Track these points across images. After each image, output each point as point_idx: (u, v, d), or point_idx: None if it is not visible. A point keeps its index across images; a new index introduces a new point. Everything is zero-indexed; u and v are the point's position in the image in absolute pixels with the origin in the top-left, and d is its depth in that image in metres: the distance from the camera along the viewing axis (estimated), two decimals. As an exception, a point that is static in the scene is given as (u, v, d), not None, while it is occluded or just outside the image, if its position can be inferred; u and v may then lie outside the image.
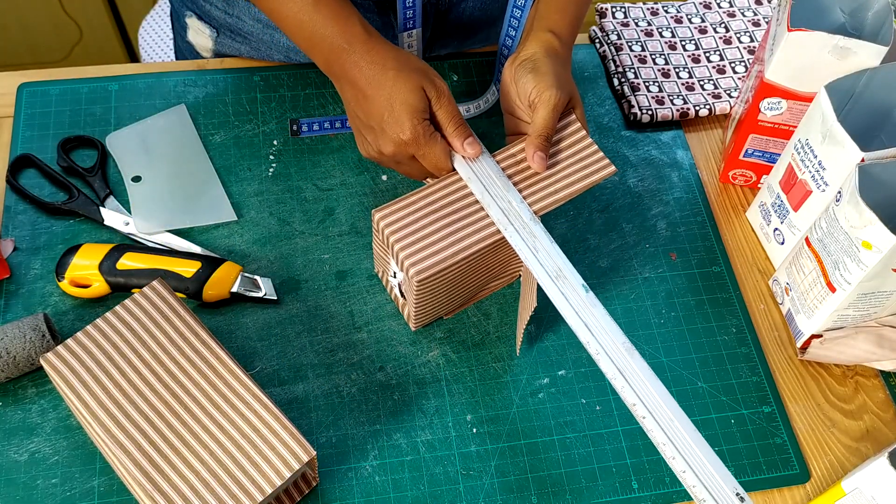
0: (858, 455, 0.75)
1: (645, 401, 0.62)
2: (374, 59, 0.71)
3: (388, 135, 0.71)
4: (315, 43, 0.73)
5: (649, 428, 0.62)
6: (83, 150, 0.86)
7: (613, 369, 0.64)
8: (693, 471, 0.60)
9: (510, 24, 0.83)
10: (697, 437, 0.61)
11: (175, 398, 0.64)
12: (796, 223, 0.80)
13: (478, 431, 0.73)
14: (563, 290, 0.67)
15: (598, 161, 0.75)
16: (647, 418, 0.62)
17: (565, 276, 0.68)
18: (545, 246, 0.69)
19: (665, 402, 0.62)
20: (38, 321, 0.71)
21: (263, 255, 0.81)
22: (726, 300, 0.82)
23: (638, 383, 0.63)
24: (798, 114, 0.81)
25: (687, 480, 0.60)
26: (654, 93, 0.93)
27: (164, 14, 1.46)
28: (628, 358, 0.64)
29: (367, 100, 0.71)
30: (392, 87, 0.70)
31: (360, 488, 0.70)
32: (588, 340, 0.65)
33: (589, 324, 0.66)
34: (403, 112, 0.70)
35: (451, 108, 0.72)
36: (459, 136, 0.72)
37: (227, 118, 0.89)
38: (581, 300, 0.67)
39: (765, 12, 1.01)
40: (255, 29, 0.91)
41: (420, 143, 0.70)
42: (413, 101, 0.70)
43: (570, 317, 0.66)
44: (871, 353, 0.76)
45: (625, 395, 0.63)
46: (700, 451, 0.61)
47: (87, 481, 0.69)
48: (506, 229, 0.70)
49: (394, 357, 0.76)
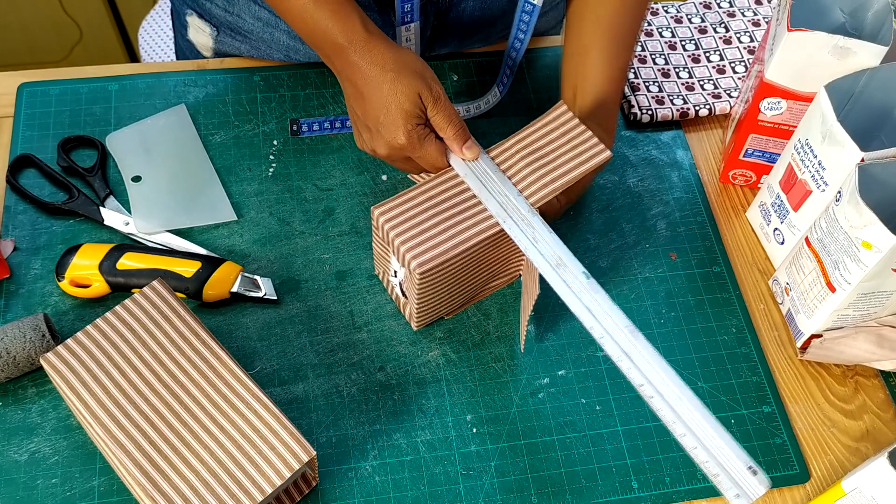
0: (858, 455, 0.75)
1: (652, 380, 0.62)
2: (373, 59, 0.71)
3: (383, 137, 0.72)
4: (316, 38, 0.74)
5: (658, 407, 0.62)
6: (83, 150, 0.86)
7: (618, 351, 0.64)
8: (705, 447, 0.60)
9: (519, 27, 0.84)
10: (707, 413, 0.61)
11: (175, 398, 0.64)
12: (796, 223, 0.80)
13: (478, 431, 0.73)
14: (564, 277, 0.67)
15: (593, 147, 0.74)
16: (654, 398, 0.62)
17: (565, 264, 0.68)
18: (544, 236, 0.70)
19: (672, 380, 0.62)
20: (38, 321, 0.71)
21: (263, 255, 0.81)
22: (726, 300, 0.82)
23: (644, 364, 0.63)
24: (798, 114, 0.81)
25: (699, 457, 0.60)
26: (654, 93, 0.93)
27: (164, 14, 1.46)
28: (633, 340, 0.64)
29: (364, 100, 0.72)
30: (388, 91, 0.70)
31: (360, 488, 0.70)
32: (592, 325, 0.65)
33: (592, 308, 0.66)
34: (398, 116, 0.70)
35: (448, 111, 0.72)
36: (458, 139, 0.72)
37: (227, 118, 0.89)
38: (582, 286, 0.67)
39: (765, 12, 1.01)
40: (256, 27, 0.91)
41: (414, 146, 0.71)
42: (408, 105, 0.70)
43: (573, 303, 0.66)
44: (871, 353, 0.76)
45: (631, 376, 0.63)
46: (711, 427, 0.61)
47: (87, 481, 0.69)
48: (504, 222, 0.70)
49: (394, 357, 0.76)
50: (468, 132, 0.73)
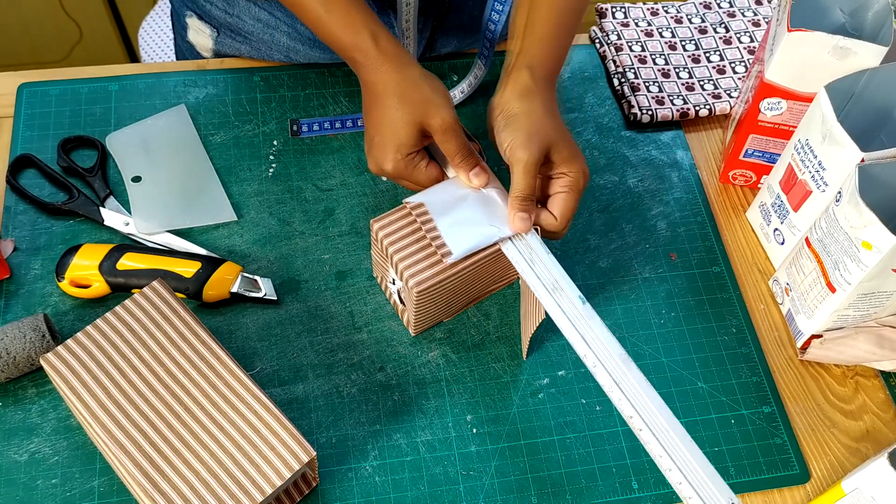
0: (858, 455, 0.75)
1: (641, 412, 0.62)
2: (378, 79, 0.71)
3: (375, 158, 0.73)
4: (331, 45, 0.75)
5: (646, 440, 0.62)
6: (83, 150, 0.86)
7: (610, 381, 0.64)
8: (689, 482, 0.60)
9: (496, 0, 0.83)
10: (693, 447, 0.61)
11: (175, 398, 0.64)
12: (796, 223, 0.80)
13: (478, 432, 0.73)
14: (559, 302, 0.67)
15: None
16: (643, 430, 0.62)
17: (562, 289, 0.68)
18: (542, 258, 0.69)
19: (661, 412, 0.62)
20: (38, 321, 0.71)
21: (263, 256, 0.81)
22: (726, 300, 0.82)
23: (634, 395, 0.63)
24: (798, 114, 0.81)
25: (683, 492, 0.60)
26: (654, 93, 0.93)
27: (164, 14, 1.46)
28: (624, 369, 0.64)
29: (367, 114, 0.73)
30: (387, 116, 0.70)
31: (360, 488, 0.70)
32: (585, 353, 0.65)
33: (586, 336, 0.66)
34: (390, 144, 0.71)
35: (455, 141, 0.71)
36: (465, 168, 0.72)
37: (227, 118, 0.89)
38: (578, 312, 0.67)
39: (765, 12, 1.01)
40: (256, 28, 0.91)
41: (402, 174, 0.72)
42: (402, 134, 0.70)
43: (567, 329, 0.66)
44: (871, 353, 0.76)
45: (622, 407, 0.63)
46: (696, 461, 0.61)
47: (87, 481, 0.69)
48: (503, 243, 0.70)
49: (394, 357, 0.76)
50: (476, 158, 0.72)
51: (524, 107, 0.71)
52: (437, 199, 0.72)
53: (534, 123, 0.70)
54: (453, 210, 0.71)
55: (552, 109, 0.73)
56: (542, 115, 0.71)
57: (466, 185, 0.73)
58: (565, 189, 0.72)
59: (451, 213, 0.71)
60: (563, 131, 0.72)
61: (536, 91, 0.72)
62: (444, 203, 0.72)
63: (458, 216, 0.71)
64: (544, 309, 0.68)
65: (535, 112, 0.71)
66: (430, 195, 0.72)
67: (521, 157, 0.69)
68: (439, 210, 0.71)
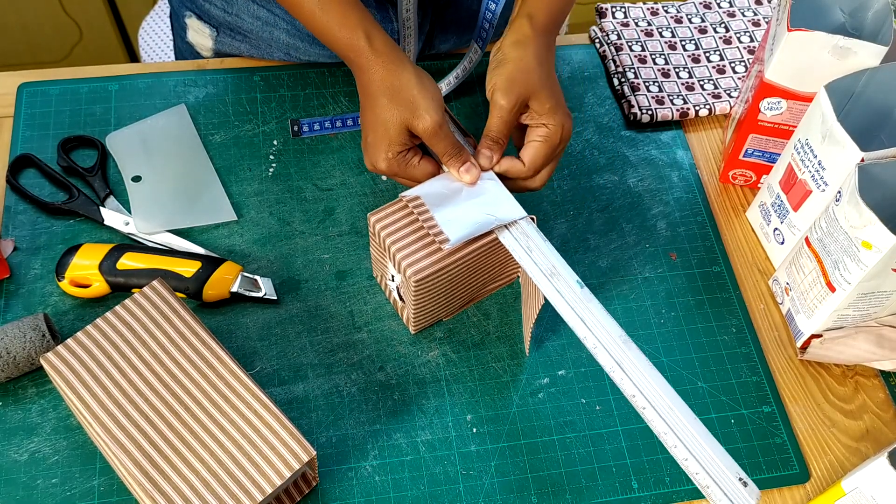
0: (858, 455, 0.75)
1: (644, 391, 0.63)
2: (371, 79, 0.72)
3: (369, 156, 0.73)
4: (326, 41, 0.75)
5: (650, 418, 0.62)
6: (83, 150, 0.86)
7: (611, 362, 0.64)
8: (696, 458, 0.60)
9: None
10: (698, 424, 0.61)
11: (175, 398, 0.64)
12: (796, 223, 0.80)
13: (478, 431, 0.73)
14: (557, 287, 0.67)
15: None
16: (647, 409, 0.62)
17: (560, 274, 0.68)
18: (538, 245, 0.70)
19: (664, 391, 0.62)
20: (38, 321, 0.71)
21: (263, 255, 0.81)
22: (726, 300, 0.82)
23: (636, 374, 0.63)
24: (798, 114, 0.81)
25: (690, 468, 0.60)
26: (654, 93, 0.93)
27: (164, 14, 1.46)
28: (625, 350, 0.64)
29: (362, 113, 0.74)
30: (378, 115, 0.71)
31: (360, 488, 0.70)
32: (585, 335, 0.65)
33: (585, 319, 0.66)
34: (382, 143, 0.71)
35: (442, 142, 0.72)
36: (455, 165, 0.73)
37: (227, 118, 0.89)
38: (576, 296, 0.67)
39: (765, 12, 1.01)
40: (255, 27, 0.91)
41: (396, 172, 0.73)
42: (392, 133, 0.71)
43: (566, 313, 0.66)
44: (871, 353, 0.76)
45: (624, 386, 0.63)
46: (701, 438, 0.61)
47: (87, 481, 0.69)
48: (500, 232, 0.70)
49: (394, 357, 0.76)
50: (466, 155, 0.73)
51: (515, 54, 0.73)
52: (434, 192, 0.72)
53: (520, 71, 0.72)
54: (450, 201, 0.72)
55: (545, 60, 0.74)
56: (530, 63, 0.73)
57: (457, 179, 0.73)
58: (539, 139, 0.73)
59: (448, 204, 0.71)
60: (549, 83, 0.74)
61: (531, 40, 0.74)
62: (441, 195, 0.72)
63: (454, 206, 0.71)
64: (543, 295, 0.68)
65: (524, 60, 0.73)
66: (426, 188, 0.72)
67: (497, 100, 0.72)
68: (436, 202, 0.71)
